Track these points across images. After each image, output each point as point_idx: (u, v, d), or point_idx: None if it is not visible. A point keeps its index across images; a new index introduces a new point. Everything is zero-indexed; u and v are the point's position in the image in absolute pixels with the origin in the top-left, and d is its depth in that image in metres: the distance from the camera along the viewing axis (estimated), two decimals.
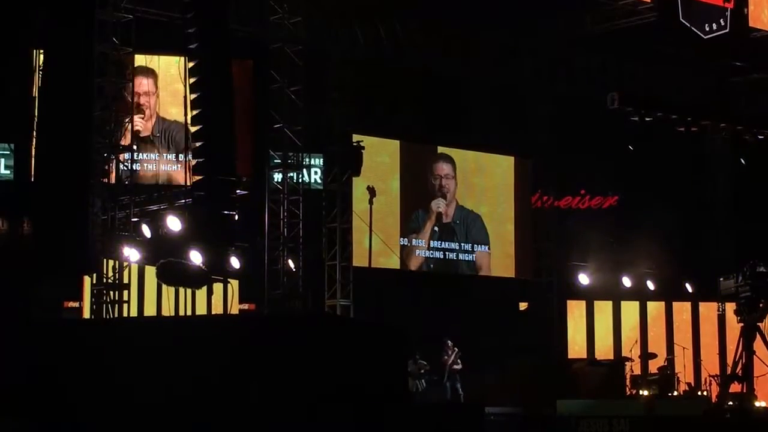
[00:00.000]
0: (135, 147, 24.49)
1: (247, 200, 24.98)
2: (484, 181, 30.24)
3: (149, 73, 25.90)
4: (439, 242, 29.30)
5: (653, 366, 29.34)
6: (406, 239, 28.80)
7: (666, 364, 29.42)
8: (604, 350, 30.71)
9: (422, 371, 26.07)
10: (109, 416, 9.88)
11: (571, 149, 30.70)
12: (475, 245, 29.80)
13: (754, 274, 24.51)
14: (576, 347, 30.84)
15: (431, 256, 29.19)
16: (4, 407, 10.01)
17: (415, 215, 29.14)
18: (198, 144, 21.06)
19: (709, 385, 29.02)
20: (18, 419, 9.80)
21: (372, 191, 25.81)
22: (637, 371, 28.90)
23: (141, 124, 25.75)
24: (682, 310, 31.63)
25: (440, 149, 29.76)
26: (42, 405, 9.98)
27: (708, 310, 31.61)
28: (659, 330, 31.33)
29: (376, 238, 26.90)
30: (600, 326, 31.16)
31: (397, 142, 28.97)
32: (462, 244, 29.66)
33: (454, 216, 29.68)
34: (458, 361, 26.62)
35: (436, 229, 29.32)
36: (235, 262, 24.53)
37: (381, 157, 28.40)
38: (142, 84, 25.79)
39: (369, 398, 10.20)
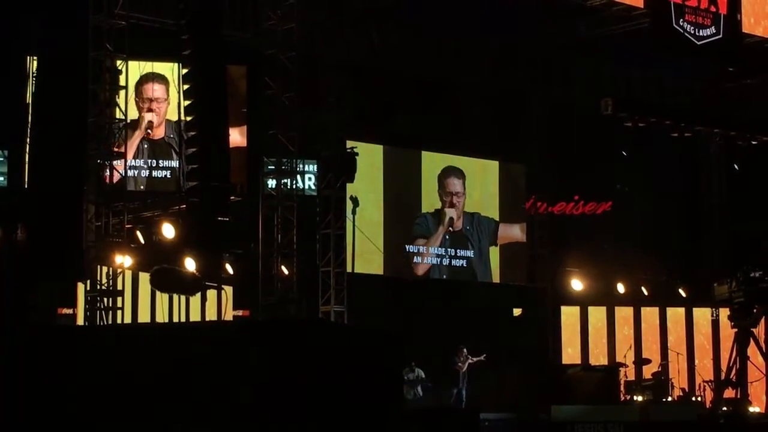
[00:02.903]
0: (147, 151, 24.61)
1: (241, 206, 24.99)
2: (478, 187, 30.19)
3: (161, 79, 25.71)
4: (451, 249, 29.28)
5: (647, 371, 29.33)
6: (409, 246, 28.74)
7: (660, 369, 29.42)
8: (598, 356, 30.70)
9: (419, 378, 26.09)
10: (102, 420, 9.88)
11: (564, 155, 30.72)
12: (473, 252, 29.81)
13: (747, 280, 24.53)
14: (570, 353, 30.82)
15: (438, 263, 29.13)
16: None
17: (421, 220, 29.09)
18: (192, 150, 21.07)
19: (703, 390, 29.04)
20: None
21: (355, 201, 25.57)
22: (632, 377, 28.88)
23: (152, 130, 25.67)
24: (676, 315, 31.63)
25: (450, 161, 29.67)
26: (35, 411, 9.98)
27: (702, 315, 31.61)
28: (653, 335, 31.32)
29: (367, 244, 26.87)
30: (594, 332, 31.14)
31: (388, 147, 28.95)
32: (467, 251, 29.65)
33: (464, 222, 29.64)
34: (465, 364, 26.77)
35: (447, 237, 29.26)
36: (229, 269, 24.52)
37: (374, 163, 28.36)
38: (153, 90, 25.63)
39: (364, 404, 10.20)
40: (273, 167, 25.42)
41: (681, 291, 31.85)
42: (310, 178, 28.40)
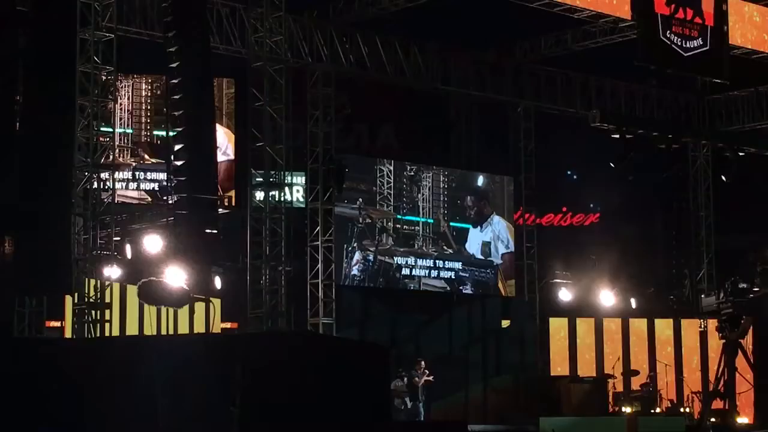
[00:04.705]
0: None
1: (229, 219, 24.96)
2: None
3: None
4: (439, 261, 29.29)
5: (635, 383, 29.35)
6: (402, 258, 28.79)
7: (648, 381, 29.45)
8: (586, 367, 30.67)
9: (409, 388, 26.03)
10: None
11: (553, 166, 30.76)
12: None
13: (735, 291, 24.54)
14: (558, 364, 30.80)
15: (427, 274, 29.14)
16: None
17: None
18: (180, 162, 21.05)
19: (691, 401, 29.08)
20: None
21: None
22: (620, 388, 28.91)
23: None
24: (664, 326, 31.63)
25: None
26: (22, 422, 9.97)
27: (690, 326, 31.62)
28: (641, 347, 31.31)
29: None
30: (582, 343, 31.13)
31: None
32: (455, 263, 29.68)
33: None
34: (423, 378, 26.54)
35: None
36: (217, 281, 24.48)
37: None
38: None
39: (353, 416, 10.20)
40: (261, 179, 25.40)
41: (669, 302, 31.88)
42: (298, 191, 28.40)
